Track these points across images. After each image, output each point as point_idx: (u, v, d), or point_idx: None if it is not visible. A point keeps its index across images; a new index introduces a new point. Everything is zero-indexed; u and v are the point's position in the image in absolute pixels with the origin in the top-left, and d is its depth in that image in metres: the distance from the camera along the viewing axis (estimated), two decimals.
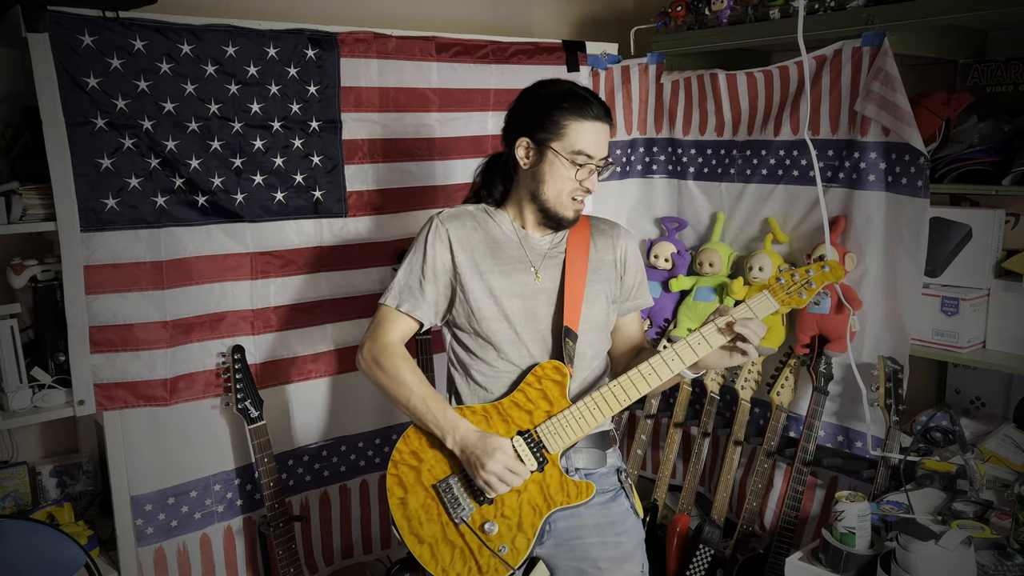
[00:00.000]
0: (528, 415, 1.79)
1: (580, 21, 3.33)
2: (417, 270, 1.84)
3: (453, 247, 1.83)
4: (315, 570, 2.58)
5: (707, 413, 2.75)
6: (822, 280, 1.82)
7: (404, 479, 1.81)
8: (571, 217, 1.84)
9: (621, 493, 1.90)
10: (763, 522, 2.63)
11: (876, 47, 2.28)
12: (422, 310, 1.83)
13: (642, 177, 3.00)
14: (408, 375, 1.79)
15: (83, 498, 2.43)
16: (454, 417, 1.75)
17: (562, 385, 1.79)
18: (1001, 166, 2.18)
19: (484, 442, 1.72)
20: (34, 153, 2.08)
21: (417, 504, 1.79)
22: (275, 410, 2.43)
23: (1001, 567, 1.85)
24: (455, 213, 1.88)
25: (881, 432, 2.37)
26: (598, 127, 1.77)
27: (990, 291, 2.30)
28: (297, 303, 2.42)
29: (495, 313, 1.83)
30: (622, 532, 1.86)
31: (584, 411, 1.77)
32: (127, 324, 2.14)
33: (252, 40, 2.23)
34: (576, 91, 1.79)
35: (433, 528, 1.78)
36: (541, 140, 1.78)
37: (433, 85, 2.56)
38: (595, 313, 1.88)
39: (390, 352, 1.81)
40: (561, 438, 1.77)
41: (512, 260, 1.85)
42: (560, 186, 1.79)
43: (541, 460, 1.76)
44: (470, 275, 1.83)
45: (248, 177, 2.29)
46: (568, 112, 1.75)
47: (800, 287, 1.81)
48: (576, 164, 1.77)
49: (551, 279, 1.86)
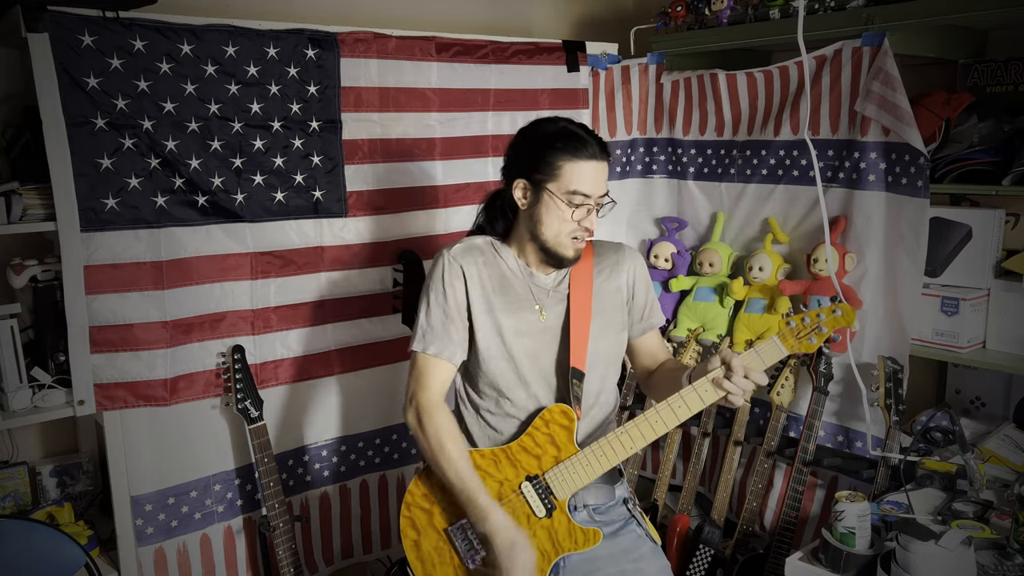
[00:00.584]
0: (536, 460, 1.78)
1: (580, 21, 3.33)
2: (438, 310, 1.82)
3: (468, 284, 1.82)
4: (315, 570, 2.58)
5: (707, 413, 2.75)
6: (833, 325, 1.79)
7: (416, 522, 1.81)
8: (571, 256, 1.82)
9: (632, 521, 1.89)
10: (763, 522, 2.63)
11: (876, 47, 2.28)
12: (450, 350, 1.81)
13: (642, 177, 3.00)
14: (448, 445, 1.75)
15: (83, 498, 2.43)
16: (486, 504, 1.72)
17: (569, 430, 1.79)
18: (1001, 166, 2.18)
19: (511, 552, 1.69)
20: (34, 153, 2.08)
21: (430, 547, 1.80)
22: (275, 410, 2.43)
23: (1001, 567, 1.85)
24: (466, 249, 1.86)
25: (881, 432, 2.37)
26: (594, 166, 1.75)
27: (990, 291, 2.30)
28: (297, 303, 2.42)
29: (500, 352, 1.82)
30: (638, 559, 1.84)
31: (591, 458, 1.76)
32: (127, 324, 2.14)
33: (252, 40, 2.23)
34: (570, 130, 1.77)
35: (446, 570, 1.79)
36: (537, 181, 1.77)
37: (433, 85, 2.56)
38: (603, 347, 1.87)
39: (431, 415, 1.78)
40: (569, 484, 1.77)
41: (519, 298, 1.84)
42: (558, 227, 1.77)
43: (549, 507, 1.77)
44: (480, 312, 1.82)
45: (248, 177, 2.29)
46: (562, 152, 1.74)
47: (811, 332, 1.78)
48: (573, 204, 1.75)
49: (556, 316, 1.85)
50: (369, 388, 2.59)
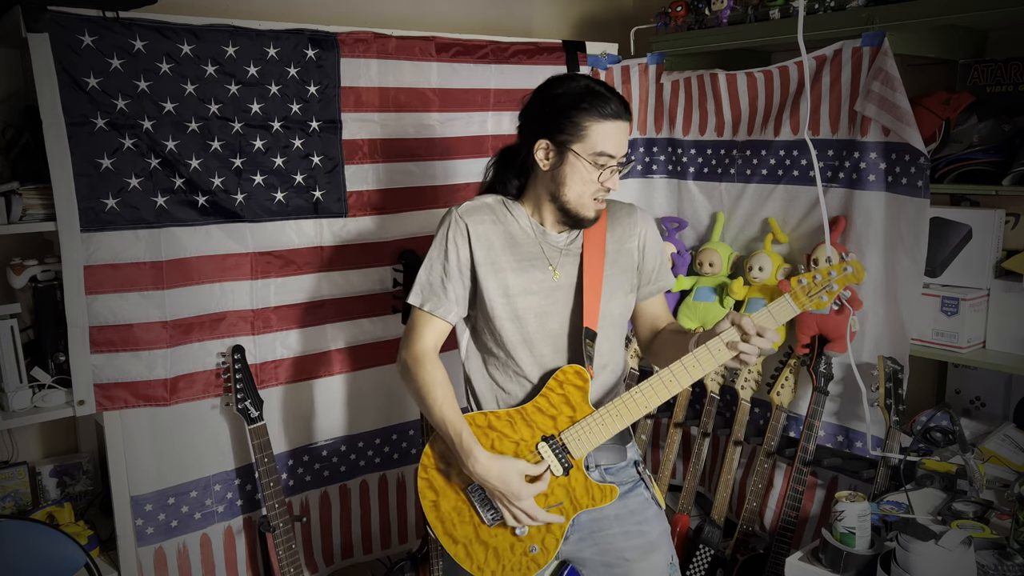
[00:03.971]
0: (552, 420, 1.79)
1: (580, 21, 3.33)
2: (439, 267, 1.82)
3: (472, 242, 1.81)
4: (315, 570, 2.58)
5: (707, 413, 2.75)
6: (844, 282, 1.77)
7: (434, 482, 1.82)
8: (592, 217, 1.81)
9: (640, 484, 1.91)
10: (763, 522, 2.63)
11: (876, 47, 2.28)
12: (445, 308, 1.82)
13: (642, 177, 3.00)
14: (436, 389, 1.78)
15: (83, 498, 2.43)
16: (469, 443, 1.74)
17: (584, 390, 1.79)
18: (1001, 166, 2.18)
19: (501, 476, 1.72)
20: (34, 153, 2.08)
21: (449, 507, 1.82)
22: (275, 410, 2.43)
23: (1001, 567, 1.85)
24: (474, 207, 1.85)
25: (881, 432, 2.37)
26: (619, 125, 1.73)
27: (990, 291, 2.30)
28: (297, 303, 2.42)
29: (505, 312, 1.81)
30: (643, 521, 1.87)
31: (607, 417, 1.77)
32: (127, 324, 2.14)
33: (252, 40, 2.23)
34: (594, 88, 1.74)
35: (466, 529, 1.81)
36: (561, 142, 1.73)
37: (433, 85, 2.56)
38: (613, 307, 1.87)
39: (421, 362, 1.80)
40: (585, 443, 1.78)
41: (529, 257, 1.83)
42: (582, 188, 1.75)
43: (567, 465, 1.78)
44: (486, 272, 1.81)
45: (248, 177, 2.29)
46: (588, 113, 1.71)
47: (821, 290, 1.76)
48: (598, 166, 1.73)
49: (568, 275, 1.84)
50: (369, 388, 2.59)
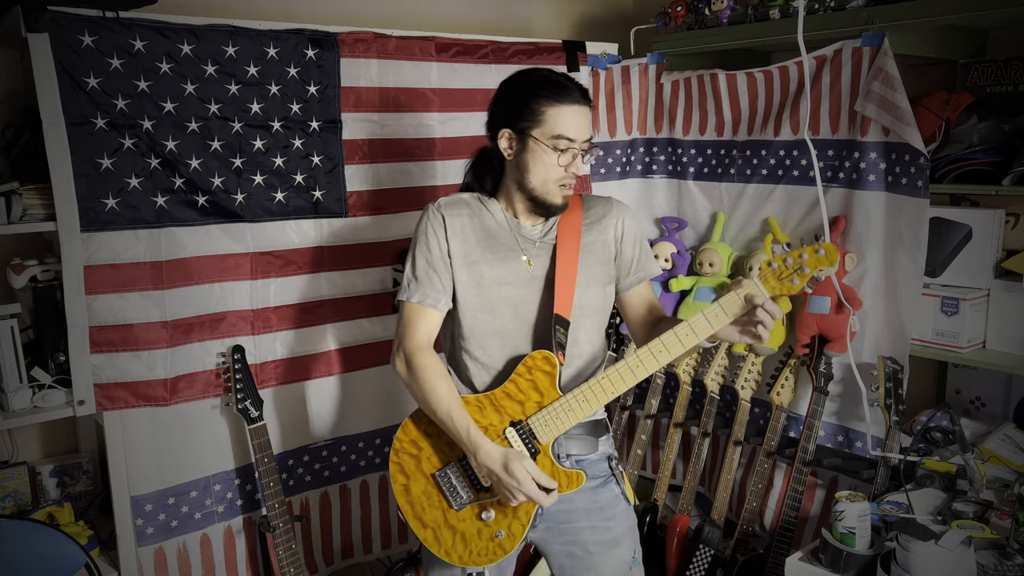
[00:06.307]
0: (520, 406, 1.81)
1: (580, 21, 3.33)
2: (422, 260, 1.86)
3: (448, 234, 1.85)
4: (315, 570, 2.58)
5: (707, 413, 2.75)
6: (815, 265, 1.70)
7: (405, 467, 1.85)
8: (559, 203, 1.84)
9: (612, 480, 1.92)
10: (763, 522, 2.63)
11: (876, 47, 2.28)
12: (433, 297, 1.84)
13: (642, 177, 3.00)
14: (438, 386, 1.80)
15: (83, 498, 2.43)
16: (476, 438, 1.76)
17: (551, 376, 1.80)
18: (1001, 166, 2.18)
19: (509, 469, 1.73)
20: (34, 153, 2.08)
21: (419, 491, 1.84)
22: (275, 410, 2.43)
23: (1001, 567, 1.85)
24: (451, 201, 1.90)
25: (881, 432, 2.37)
26: (577, 110, 1.78)
27: (990, 291, 2.30)
28: (297, 303, 2.42)
29: (479, 303, 1.85)
30: (611, 517, 1.90)
31: (574, 402, 1.79)
32: (127, 324, 2.14)
33: (252, 40, 2.23)
34: (552, 77, 1.81)
35: (435, 514, 1.83)
36: (521, 129, 1.79)
37: (433, 85, 2.56)
38: (589, 298, 1.89)
39: (419, 358, 1.82)
40: (552, 428, 1.79)
41: (504, 248, 1.87)
42: (545, 174, 1.80)
43: (533, 451, 1.79)
44: (460, 264, 1.85)
45: (248, 177, 2.29)
46: (545, 98, 1.77)
47: (792, 273, 1.71)
48: (558, 149, 1.78)
49: (542, 266, 1.87)
50: (369, 388, 2.59)
